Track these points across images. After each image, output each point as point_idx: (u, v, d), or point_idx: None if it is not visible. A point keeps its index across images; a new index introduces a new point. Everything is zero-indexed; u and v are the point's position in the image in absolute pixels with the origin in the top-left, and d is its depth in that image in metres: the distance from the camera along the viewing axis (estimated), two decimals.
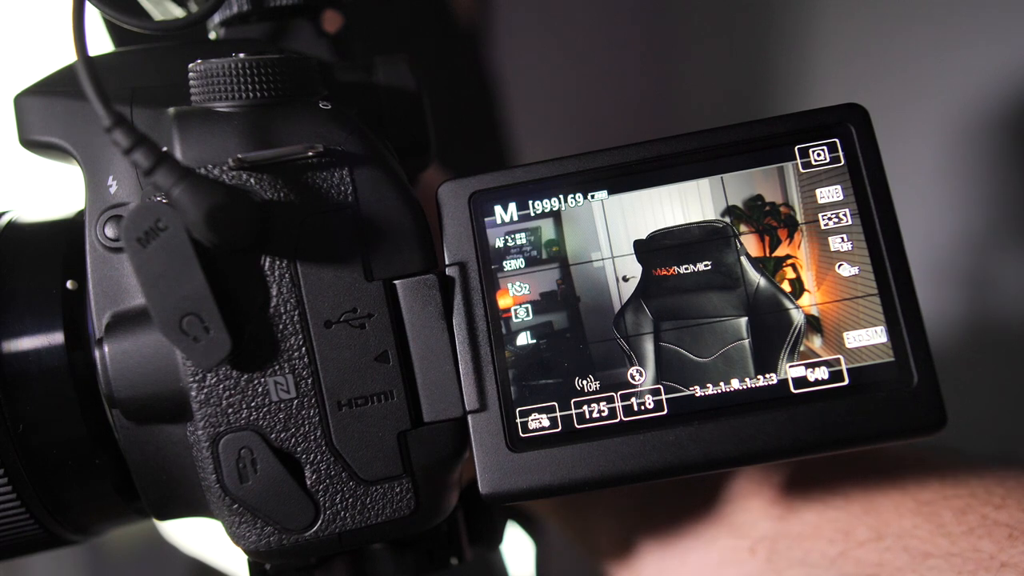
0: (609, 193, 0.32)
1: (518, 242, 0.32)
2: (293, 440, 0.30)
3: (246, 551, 0.31)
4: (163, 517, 0.34)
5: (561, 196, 0.32)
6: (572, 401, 0.31)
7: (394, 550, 0.35)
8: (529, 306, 0.31)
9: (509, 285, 0.31)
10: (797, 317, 0.30)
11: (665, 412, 0.30)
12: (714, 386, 0.30)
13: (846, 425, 0.29)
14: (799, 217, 0.31)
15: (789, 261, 0.31)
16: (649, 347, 0.31)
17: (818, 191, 0.31)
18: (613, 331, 0.31)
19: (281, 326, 0.30)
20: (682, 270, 0.31)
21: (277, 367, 0.30)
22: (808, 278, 0.30)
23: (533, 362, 0.31)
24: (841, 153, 0.31)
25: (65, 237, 0.33)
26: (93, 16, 0.31)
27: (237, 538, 0.31)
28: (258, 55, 0.31)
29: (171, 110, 0.31)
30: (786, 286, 0.31)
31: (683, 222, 0.31)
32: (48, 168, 0.35)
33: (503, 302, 0.31)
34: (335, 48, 0.37)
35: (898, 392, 0.29)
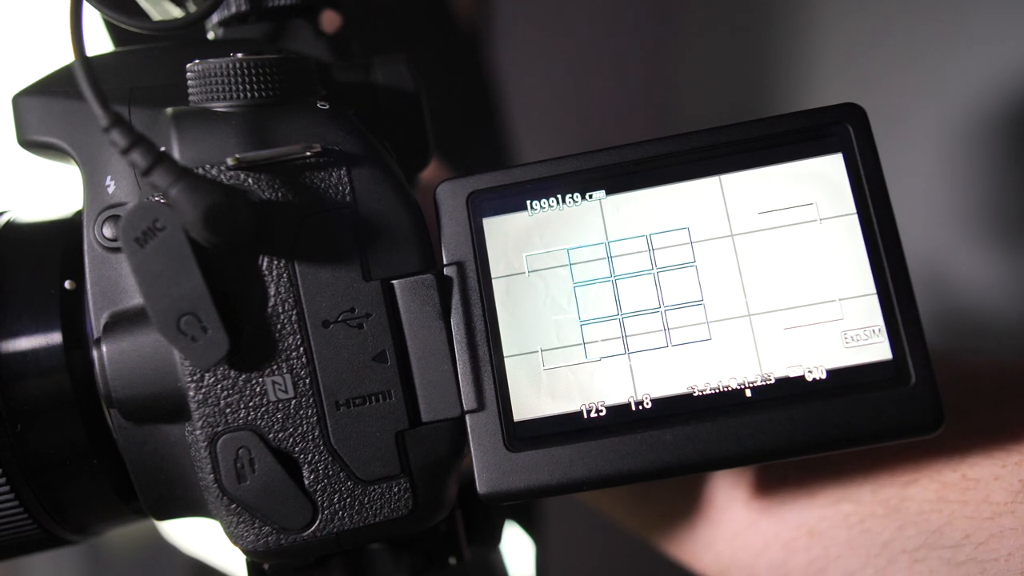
0: (607, 193, 0.31)
1: None
2: (291, 440, 0.30)
3: (244, 551, 0.31)
4: (161, 517, 0.33)
5: (559, 196, 0.32)
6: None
7: (392, 550, 0.35)
8: None
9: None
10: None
11: (663, 412, 0.30)
12: (712, 385, 0.30)
13: (844, 425, 0.29)
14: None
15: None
16: (648, 345, 0.31)
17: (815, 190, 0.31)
18: (611, 330, 0.31)
19: (279, 326, 0.30)
20: None
21: (275, 367, 0.30)
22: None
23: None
24: (839, 153, 0.31)
25: (63, 237, 0.33)
26: (91, 16, 0.31)
27: (235, 538, 0.31)
28: (256, 55, 0.31)
29: (169, 110, 0.31)
30: None
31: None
32: (46, 168, 0.35)
33: None
34: (333, 48, 0.37)
35: (896, 392, 0.29)
